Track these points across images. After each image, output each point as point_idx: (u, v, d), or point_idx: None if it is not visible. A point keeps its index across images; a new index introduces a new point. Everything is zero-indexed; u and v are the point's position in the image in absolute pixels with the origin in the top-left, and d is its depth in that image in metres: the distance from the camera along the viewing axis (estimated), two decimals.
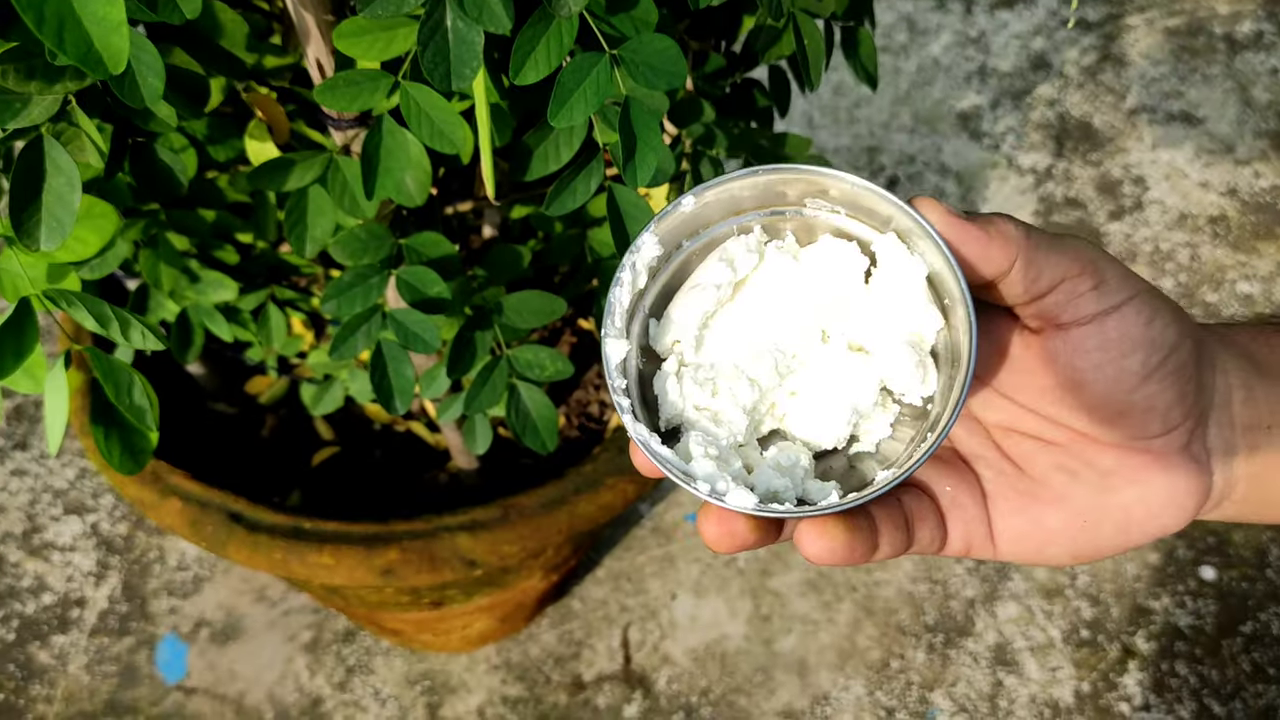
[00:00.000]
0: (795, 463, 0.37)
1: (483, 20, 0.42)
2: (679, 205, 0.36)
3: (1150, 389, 0.39)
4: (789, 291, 0.38)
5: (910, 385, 0.37)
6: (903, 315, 0.37)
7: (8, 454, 1.20)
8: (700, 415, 0.37)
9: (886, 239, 0.37)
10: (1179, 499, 0.40)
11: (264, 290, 0.71)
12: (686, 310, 0.37)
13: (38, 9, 0.27)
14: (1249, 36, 1.66)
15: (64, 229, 0.45)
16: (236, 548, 0.73)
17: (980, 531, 0.41)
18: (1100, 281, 0.37)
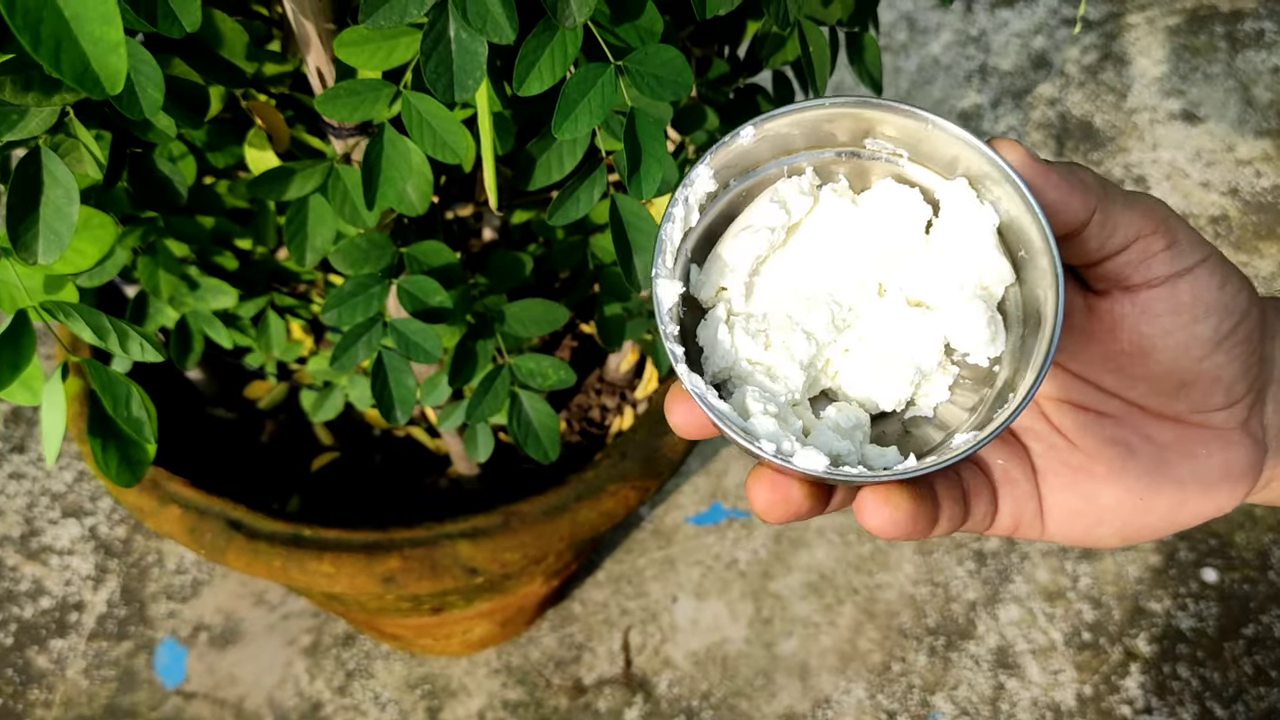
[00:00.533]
0: (856, 424, 0.34)
1: (486, 30, 0.42)
2: (737, 135, 0.33)
3: (1219, 358, 0.37)
4: (845, 239, 0.35)
5: (978, 343, 0.34)
6: (970, 267, 0.34)
7: (5, 457, 1.19)
8: (754, 369, 0.34)
9: (955, 184, 0.34)
10: (1234, 477, 0.38)
11: (263, 297, 0.71)
12: (738, 253, 0.34)
13: (34, 29, 0.26)
14: (1250, 35, 1.65)
15: (62, 242, 0.44)
16: (236, 555, 0.73)
17: (1030, 509, 0.38)
18: (1173, 241, 0.35)
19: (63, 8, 0.27)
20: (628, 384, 0.88)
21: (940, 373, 0.35)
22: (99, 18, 0.27)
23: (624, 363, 0.85)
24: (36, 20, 0.26)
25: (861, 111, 0.33)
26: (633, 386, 0.88)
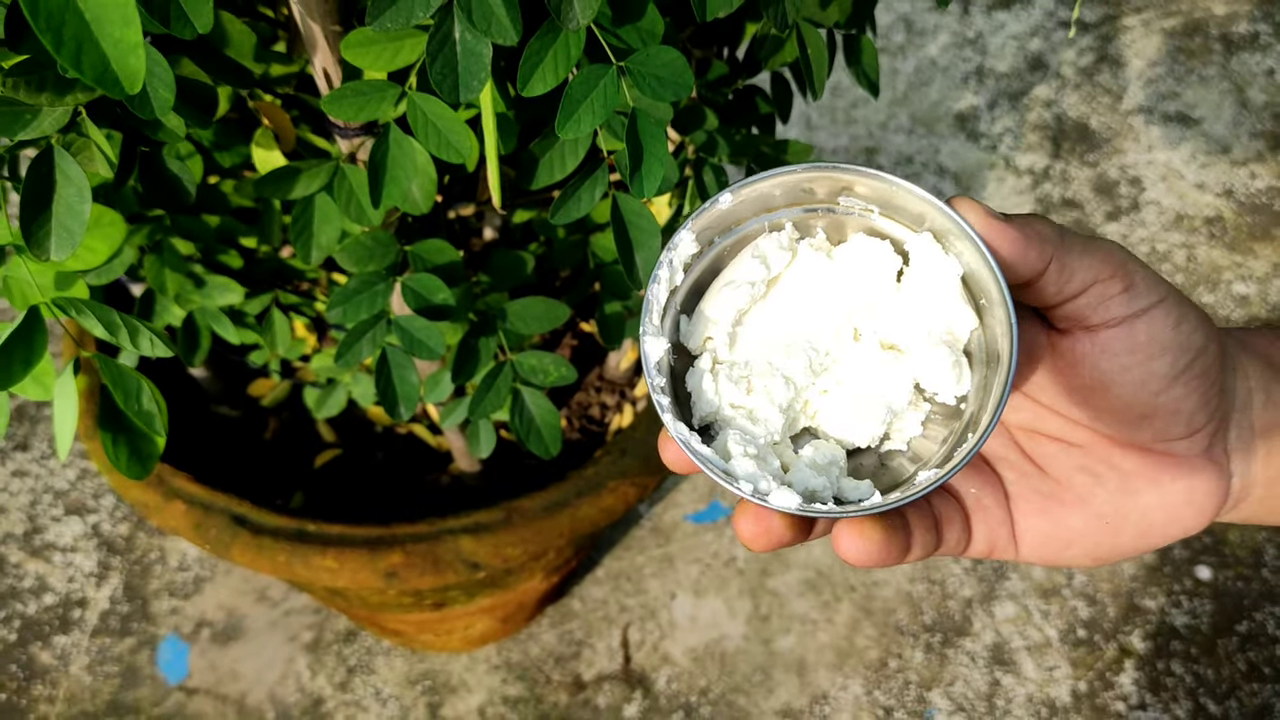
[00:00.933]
0: (831, 461, 0.37)
1: (491, 33, 0.42)
2: (716, 203, 0.36)
3: (1176, 392, 0.39)
4: (822, 289, 0.38)
5: (945, 384, 0.37)
6: (937, 314, 0.37)
7: (9, 455, 1.20)
8: (736, 413, 0.37)
9: (921, 238, 0.36)
10: (1199, 501, 0.41)
11: (268, 294, 0.72)
12: (720, 307, 0.37)
13: (56, 31, 0.27)
14: (1245, 37, 1.66)
15: (74, 239, 0.45)
16: (240, 551, 0.73)
17: (1003, 533, 0.41)
18: (1130, 284, 0.37)
19: (84, 10, 0.28)
20: (627, 382, 0.89)
21: (912, 410, 0.38)
22: (119, 20, 0.28)
23: (624, 360, 0.86)
24: (59, 23, 0.27)
25: (835, 174, 0.35)
26: (632, 384, 0.89)
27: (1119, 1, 1.71)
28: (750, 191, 0.36)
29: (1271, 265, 1.41)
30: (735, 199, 0.36)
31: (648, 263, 0.52)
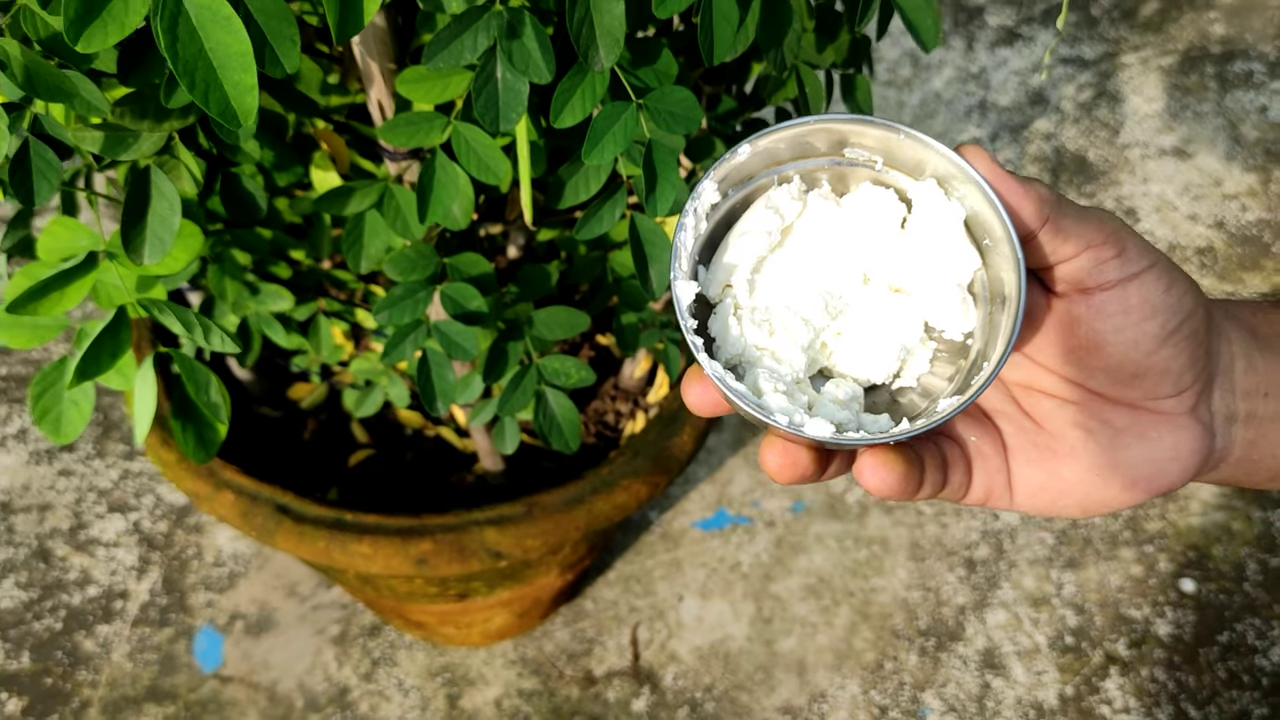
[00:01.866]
0: (852, 397, 0.39)
1: (529, 73, 0.49)
2: (735, 153, 0.37)
3: (1166, 352, 0.40)
4: (832, 237, 0.39)
5: (951, 321, 0.39)
6: (941, 256, 0.38)
7: (56, 455, 1.27)
8: (761, 354, 0.38)
9: (925, 185, 0.38)
10: (1184, 457, 0.43)
11: (314, 302, 0.79)
12: (739, 255, 0.38)
13: (190, 75, 0.34)
14: (1239, 76, 1.73)
15: (164, 247, 0.52)
16: (284, 537, 0.80)
17: (1000, 482, 0.43)
18: (1122, 250, 0.39)
19: (212, 59, 0.34)
20: (640, 390, 0.95)
21: (921, 348, 0.40)
22: (238, 67, 0.35)
23: (638, 369, 0.93)
24: (193, 69, 0.34)
25: (841, 125, 0.37)
26: (644, 393, 0.95)
27: (1118, 40, 1.78)
28: (763, 145, 0.37)
29: (1260, 294, 1.47)
30: (753, 150, 0.37)
31: (661, 276, 0.59)
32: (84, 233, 0.61)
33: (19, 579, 1.18)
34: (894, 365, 0.40)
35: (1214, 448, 0.43)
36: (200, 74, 0.34)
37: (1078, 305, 0.40)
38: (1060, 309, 0.40)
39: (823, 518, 1.26)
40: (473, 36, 0.49)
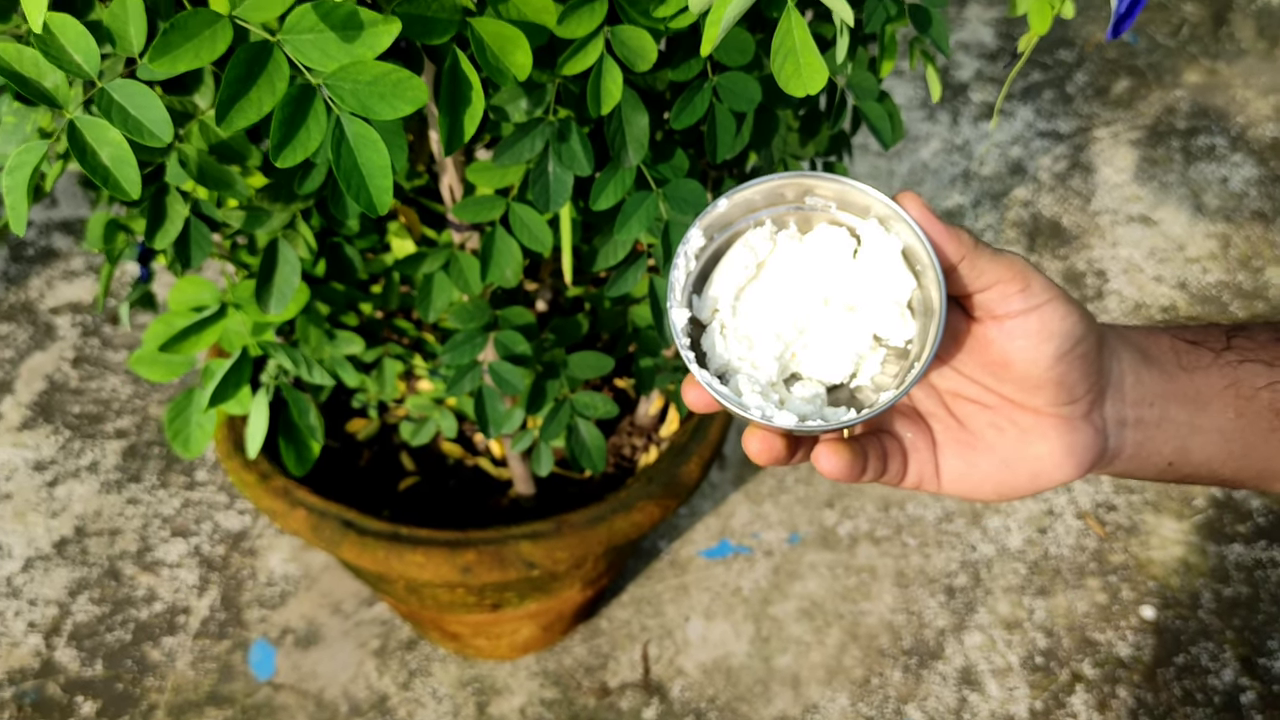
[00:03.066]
0: (815, 395, 0.47)
1: (574, 167, 0.64)
2: (715, 206, 0.45)
3: (1061, 368, 0.47)
4: (797, 268, 0.47)
5: (894, 332, 0.46)
6: (884, 280, 0.46)
7: (124, 485, 1.41)
8: (742, 364, 0.46)
9: (869, 224, 0.45)
10: (1078, 454, 0.50)
11: (381, 347, 0.93)
12: (723, 286, 0.47)
13: (348, 180, 0.49)
14: (1203, 149, 1.88)
15: (286, 300, 0.66)
16: (348, 548, 0.93)
17: (930, 470, 0.51)
18: (1027, 286, 0.46)
19: (362, 169, 0.49)
20: (653, 427, 1.09)
21: (871, 354, 0.48)
22: (380, 174, 0.49)
23: (652, 407, 1.07)
24: (349, 175, 0.49)
25: (803, 180, 0.46)
26: (657, 429, 1.09)
27: (1091, 115, 1.94)
28: (739, 197, 0.46)
29: None
30: (730, 203, 0.45)
31: None
32: (208, 288, 0.75)
33: (93, 595, 1.31)
34: (849, 368, 0.48)
35: (1107, 447, 0.51)
36: (355, 179, 0.49)
37: (991, 329, 0.47)
38: (978, 331, 0.48)
39: (816, 548, 1.39)
40: (531, 141, 0.63)
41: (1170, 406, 0.52)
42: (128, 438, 1.46)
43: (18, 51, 0.49)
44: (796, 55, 0.49)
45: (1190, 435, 0.52)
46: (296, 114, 0.47)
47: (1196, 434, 0.52)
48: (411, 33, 0.50)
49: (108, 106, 0.49)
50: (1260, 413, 0.52)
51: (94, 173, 0.49)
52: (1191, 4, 2.17)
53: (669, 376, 0.94)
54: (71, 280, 1.64)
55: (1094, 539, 1.41)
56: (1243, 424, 0.52)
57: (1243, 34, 2.10)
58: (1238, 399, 0.52)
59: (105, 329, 1.58)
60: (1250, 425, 0.52)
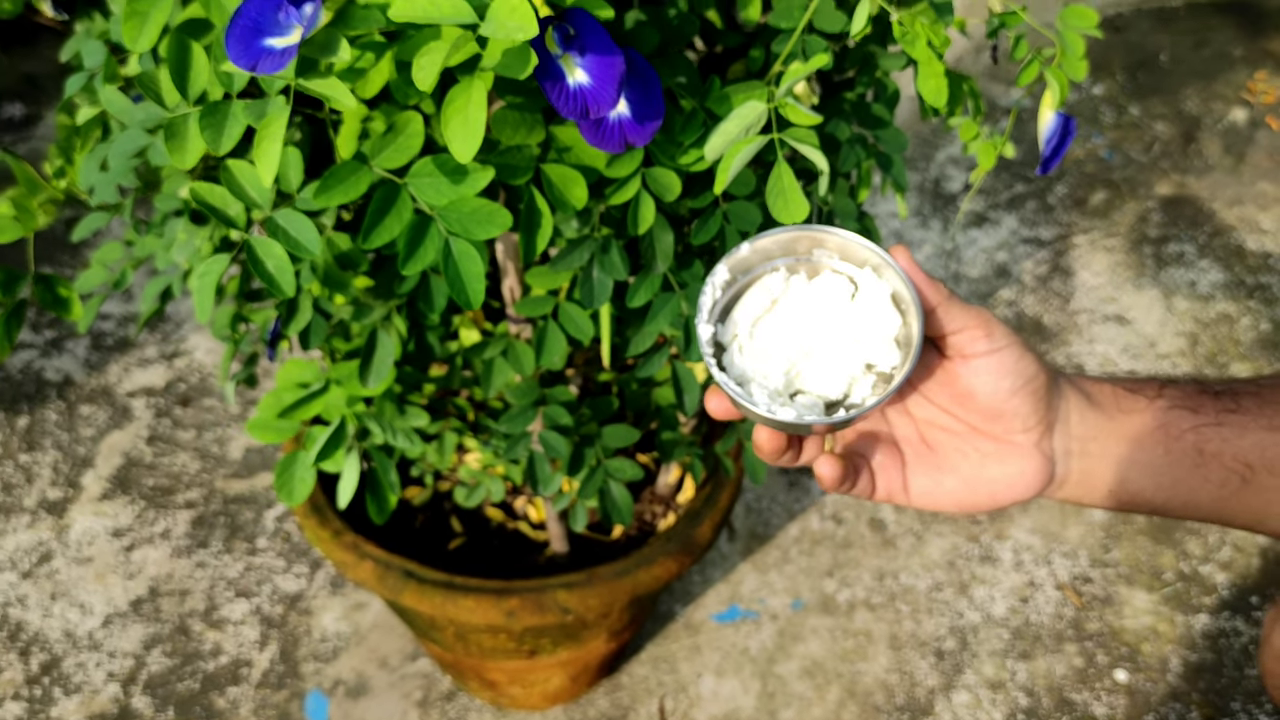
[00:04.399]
0: (814, 404, 0.55)
1: (613, 274, 0.81)
2: (739, 249, 0.55)
3: (1016, 401, 0.56)
4: (805, 306, 0.55)
5: (882, 360, 0.54)
6: (876, 317, 0.54)
7: (193, 550, 1.56)
8: (755, 375, 0.55)
9: (865, 272, 0.55)
10: (1029, 477, 0.58)
11: (444, 421, 1.09)
12: (744, 315, 0.56)
13: (453, 283, 0.65)
14: (1173, 255, 2.06)
15: (382, 377, 0.83)
16: (409, 594, 1.09)
17: (899, 485, 0.59)
18: (990, 332, 0.54)
19: (464, 275, 0.66)
20: (671, 495, 1.25)
21: (863, 376, 0.56)
22: (476, 279, 0.66)
23: (670, 477, 1.22)
24: (454, 280, 0.65)
25: (812, 233, 0.55)
26: (674, 497, 1.25)
27: (1070, 224, 2.12)
28: (759, 245, 0.55)
29: None
30: (751, 248, 0.55)
31: (692, 402, 0.89)
32: (311, 367, 0.92)
33: (165, 649, 1.46)
34: (844, 388, 0.56)
35: (1054, 473, 0.59)
36: (457, 283, 0.65)
37: (960, 365, 0.56)
38: (949, 367, 0.57)
39: (817, 613, 1.53)
40: (580, 253, 0.80)
41: (1109, 442, 0.59)
42: (196, 508, 1.61)
43: (210, 188, 0.67)
44: (785, 194, 0.66)
45: (1126, 467, 0.59)
46: (417, 236, 0.64)
47: (1132, 467, 0.59)
48: (501, 176, 0.67)
49: (274, 229, 0.66)
50: (1186, 451, 0.59)
51: (262, 278, 0.66)
52: (1162, 123, 2.37)
53: (685, 449, 1.09)
54: (145, 367, 1.82)
55: (1071, 608, 1.55)
56: (1170, 460, 0.59)
57: (1210, 151, 2.30)
58: (1166, 438, 0.59)
59: (175, 410, 1.75)
60: (1177, 461, 0.59)
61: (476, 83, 0.56)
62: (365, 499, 0.90)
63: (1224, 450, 0.58)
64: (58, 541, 1.57)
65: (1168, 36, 2.63)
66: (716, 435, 1.21)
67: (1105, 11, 2.72)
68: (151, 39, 0.63)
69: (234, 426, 1.73)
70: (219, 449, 1.70)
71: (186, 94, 0.62)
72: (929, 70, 0.67)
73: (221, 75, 0.62)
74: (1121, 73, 2.52)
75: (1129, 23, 2.68)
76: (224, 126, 0.61)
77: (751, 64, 0.77)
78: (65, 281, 0.80)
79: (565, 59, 0.58)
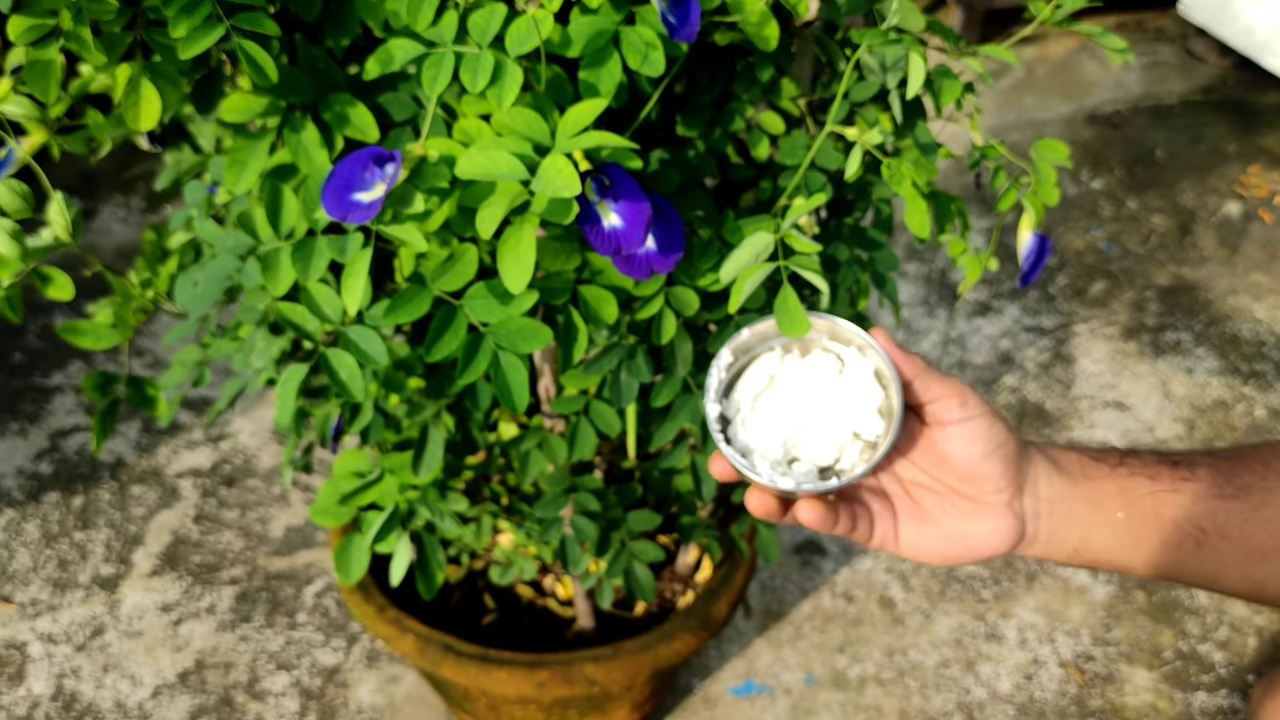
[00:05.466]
0: (809, 471, 0.62)
1: (639, 377, 0.91)
2: (740, 334, 0.64)
3: (988, 465, 0.61)
4: (799, 382, 0.62)
5: (868, 429, 0.61)
6: (861, 391, 0.61)
7: (237, 625, 1.65)
8: (757, 446, 0.62)
9: (850, 350, 0.62)
10: (1002, 534, 0.64)
11: (480, 505, 1.19)
12: (745, 392, 0.63)
13: (501, 390, 0.75)
14: (1170, 344, 2.15)
15: (432, 468, 0.93)
16: (448, 666, 1.17)
17: (890, 534, 0.65)
18: (964, 402, 0.61)
19: (510, 384, 0.76)
20: (690, 575, 1.33)
21: (851, 444, 0.62)
22: (521, 386, 0.76)
23: (689, 557, 1.31)
24: (503, 387, 0.75)
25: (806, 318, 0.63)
26: (693, 576, 1.33)
27: (1071, 313, 2.22)
28: (757, 329, 0.64)
29: None
30: (750, 333, 0.64)
31: (709, 490, 0.99)
32: (364, 458, 1.02)
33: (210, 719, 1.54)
34: (835, 454, 0.63)
35: (1025, 532, 0.65)
36: (504, 390, 0.76)
37: (937, 432, 0.62)
38: (928, 433, 0.63)
39: (829, 688, 1.60)
40: (610, 358, 0.90)
41: (1074, 504, 0.64)
42: (239, 584, 1.71)
43: (292, 308, 0.77)
44: (789, 313, 0.76)
45: (1091, 528, 0.65)
46: (471, 350, 0.74)
47: (1095, 527, 0.65)
48: (543, 297, 0.78)
49: (346, 343, 0.76)
50: (1145, 515, 0.64)
51: (335, 384, 0.76)
52: (1159, 216, 2.48)
53: (703, 532, 1.18)
54: (193, 449, 1.92)
55: (1074, 686, 1.61)
56: (1131, 522, 0.64)
57: (1205, 243, 2.40)
58: (1126, 503, 0.64)
59: (221, 490, 1.86)
60: (1137, 524, 0.64)
61: (527, 226, 0.67)
62: (414, 577, 0.99)
63: (1179, 515, 0.64)
64: (110, 616, 1.66)
65: (1164, 132, 2.75)
66: (732, 518, 1.30)
67: (1103, 108, 2.85)
68: (250, 183, 0.75)
69: (275, 506, 1.83)
70: (261, 527, 1.79)
71: (279, 230, 0.74)
72: (914, 207, 0.77)
73: (308, 215, 0.73)
74: (1119, 167, 2.63)
75: (1126, 119, 2.81)
76: (311, 260, 0.71)
77: (761, 194, 0.88)
78: (153, 382, 0.91)
79: (601, 205, 0.69)
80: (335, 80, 0.75)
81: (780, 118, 0.86)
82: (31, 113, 0.85)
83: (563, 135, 0.66)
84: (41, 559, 1.74)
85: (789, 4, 0.75)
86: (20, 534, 1.78)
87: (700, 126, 0.85)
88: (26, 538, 1.77)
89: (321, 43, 0.77)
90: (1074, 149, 2.70)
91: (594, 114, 0.66)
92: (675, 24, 0.69)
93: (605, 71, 0.70)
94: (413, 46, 0.68)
